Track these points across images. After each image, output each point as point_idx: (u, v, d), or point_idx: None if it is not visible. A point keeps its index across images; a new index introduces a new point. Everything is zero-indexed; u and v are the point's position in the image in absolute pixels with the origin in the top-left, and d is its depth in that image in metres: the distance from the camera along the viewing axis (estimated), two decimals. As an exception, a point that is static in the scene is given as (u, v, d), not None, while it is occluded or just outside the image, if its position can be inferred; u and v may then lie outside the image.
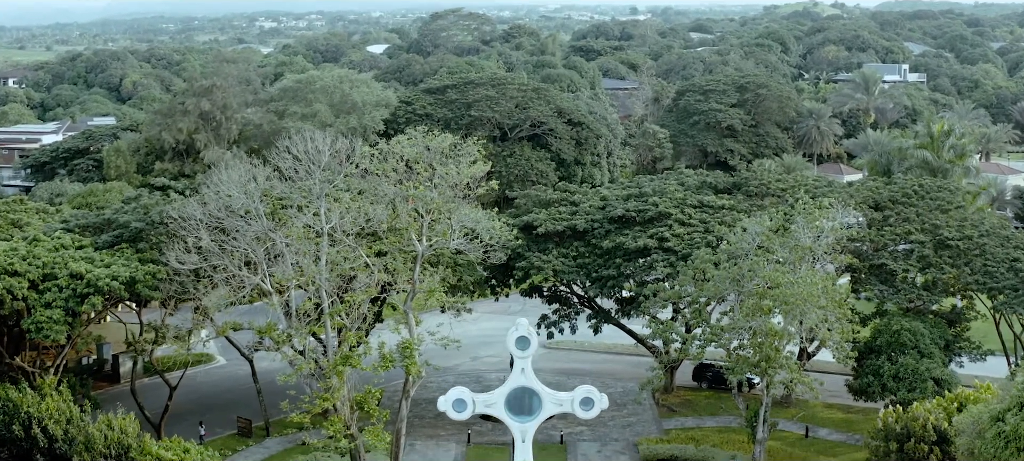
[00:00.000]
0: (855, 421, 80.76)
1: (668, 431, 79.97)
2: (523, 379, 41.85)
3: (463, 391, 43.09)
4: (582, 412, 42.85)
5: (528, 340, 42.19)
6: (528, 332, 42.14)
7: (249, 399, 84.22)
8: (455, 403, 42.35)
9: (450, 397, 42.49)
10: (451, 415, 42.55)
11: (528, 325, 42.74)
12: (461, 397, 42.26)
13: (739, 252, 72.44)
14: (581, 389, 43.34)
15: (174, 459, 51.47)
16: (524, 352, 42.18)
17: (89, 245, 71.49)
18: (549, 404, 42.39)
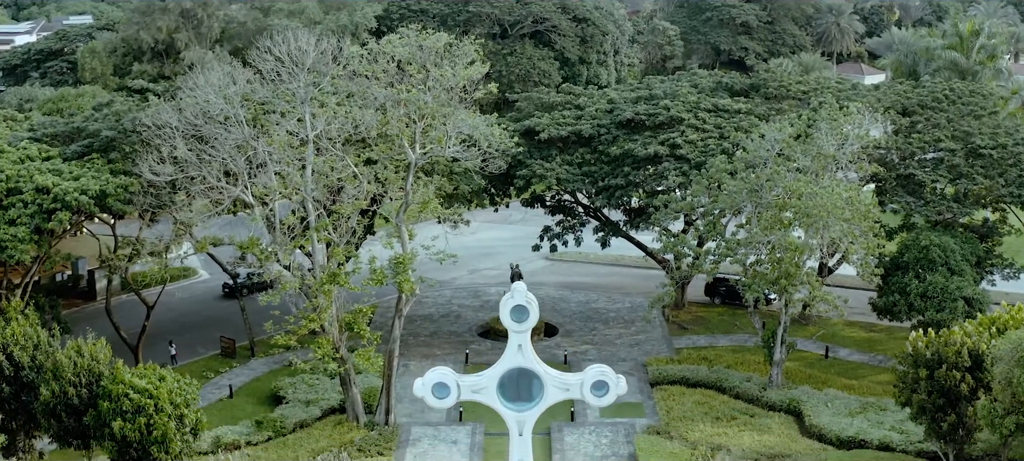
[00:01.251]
0: (878, 341, 79.04)
1: (679, 351, 78.36)
2: (520, 358, 33.86)
3: (444, 373, 34.94)
4: (594, 398, 34.67)
5: (527, 310, 34.21)
6: (526, 300, 34.29)
7: (233, 317, 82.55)
8: (436, 388, 34.34)
9: (429, 380, 34.74)
10: (430, 402, 34.42)
11: (525, 291, 35.38)
12: (442, 380, 34.11)
13: (757, 160, 70.23)
14: (593, 369, 35.51)
15: (148, 387, 49.61)
16: (521, 324, 34.22)
17: (57, 156, 69.16)
18: (552, 389, 34.87)
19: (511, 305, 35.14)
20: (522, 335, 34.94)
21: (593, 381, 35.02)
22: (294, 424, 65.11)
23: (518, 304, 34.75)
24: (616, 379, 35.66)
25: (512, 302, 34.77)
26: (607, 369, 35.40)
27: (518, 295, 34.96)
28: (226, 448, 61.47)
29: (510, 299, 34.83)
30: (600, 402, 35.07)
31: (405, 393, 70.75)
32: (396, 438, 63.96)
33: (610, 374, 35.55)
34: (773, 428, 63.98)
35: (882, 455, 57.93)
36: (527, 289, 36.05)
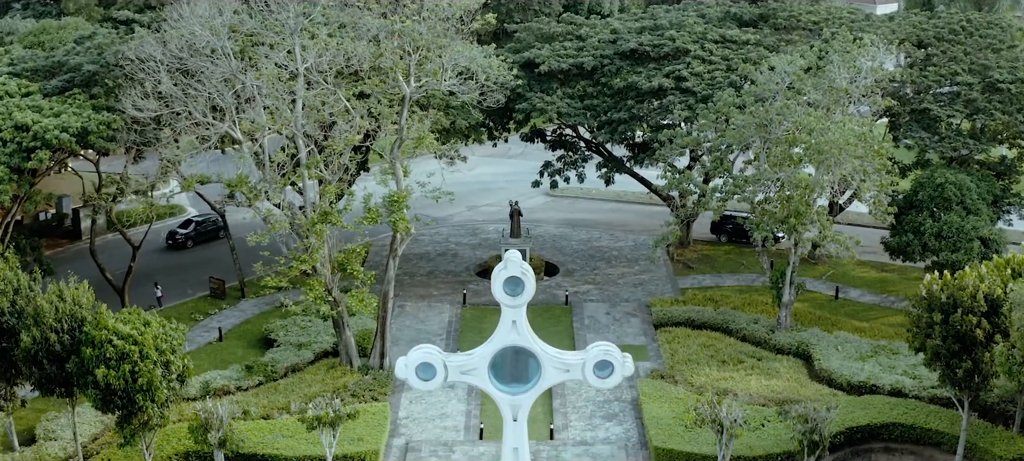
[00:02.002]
0: (890, 282, 78.28)
1: (684, 291, 77.65)
2: (514, 335, 30.46)
3: (430, 352, 31.04)
4: (597, 379, 31.55)
5: (521, 282, 30.60)
6: (521, 270, 30.48)
7: (222, 257, 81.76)
8: (420, 368, 30.77)
9: (413, 360, 30.81)
10: (414, 383, 31.12)
11: (520, 260, 31.19)
12: (428, 360, 30.28)
13: (766, 93, 69.09)
14: (596, 348, 31.89)
15: (133, 333, 48.80)
16: (516, 298, 30.66)
17: (37, 92, 67.90)
18: (551, 370, 31.42)
19: (504, 276, 30.74)
20: (517, 310, 31.00)
21: (596, 360, 31.46)
22: (285, 368, 64.53)
23: (512, 275, 30.90)
24: (622, 359, 31.86)
25: (505, 273, 30.41)
26: (612, 347, 31.89)
27: (512, 265, 30.47)
28: (215, 394, 60.91)
29: (503, 270, 30.47)
30: (604, 384, 31.98)
31: (401, 335, 70.25)
32: (391, 382, 63.43)
33: (615, 353, 31.89)
34: (781, 372, 63.41)
35: (894, 401, 57.36)
36: (524, 252, 33.72)
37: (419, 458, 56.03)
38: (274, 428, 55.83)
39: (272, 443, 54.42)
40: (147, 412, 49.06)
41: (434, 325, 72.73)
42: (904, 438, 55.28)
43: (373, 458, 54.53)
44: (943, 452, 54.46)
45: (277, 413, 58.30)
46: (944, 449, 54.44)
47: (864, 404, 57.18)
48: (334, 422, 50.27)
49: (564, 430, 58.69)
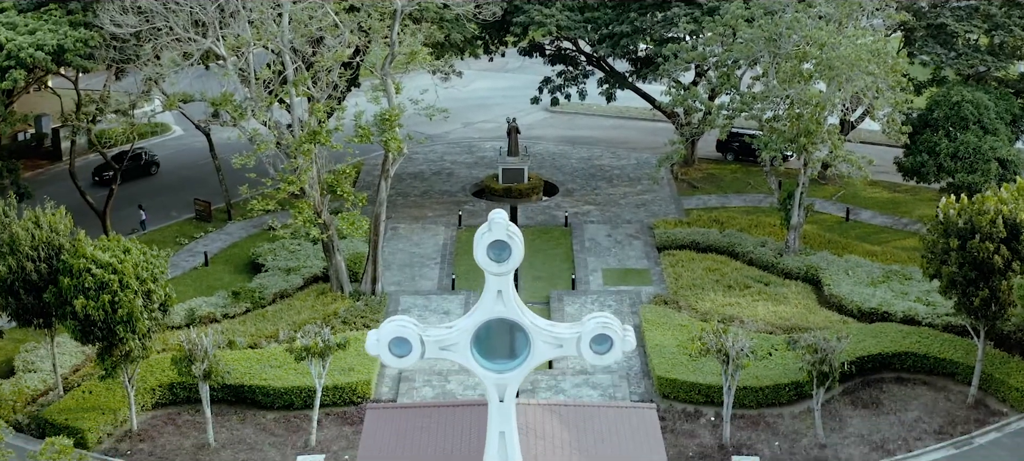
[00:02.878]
0: (903, 203, 77.34)
1: (689, 212, 76.74)
2: (500, 306, 26.13)
3: (404, 325, 26.66)
4: (594, 355, 27.44)
5: (508, 247, 26.30)
6: (507, 234, 26.38)
7: (208, 177, 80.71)
8: (394, 344, 26.75)
9: (386, 334, 26.81)
10: (388, 360, 27.49)
11: (506, 221, 26.87)
12: (402, 334, 26.07)
13: (776, 6, 67.64)
14: (593, 320, 27.43)
15: (112, 261, 47.88)
16: (501, 265, 26.13)
17: (11, 8, 66.36)
18: (541, 345, 27.28)
19: (487, 241, 26.23)
20: (503, 279, 26.09)
21: (593, 334, 26.97)
22: (274, 295, 63.77)
23: (497, 239, 26.58)
24: (622, 332, 27.29)
25: (488, 237, 25.99)
26: (611, 320, 27.22)
27: (497, 227, 25.96)
28: (201, 322, 60.21)
29: (486, 233, 26.09)
30: (601, 360, 27.51)
31: (393, 259, 69.56)
32: (384, 308, 62.80)
33: (614, 326, 27.10)
34: (789, 297, 62.71)
35: (906, 329, 56.69)
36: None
37: (412, 388, 55.50)
38: (262, 358, 55.19)
39: (260, 374, 53.82)
40: (128, 344, 48.31)
41: (428, 248, 71.93)
42: (917, 368, 54.70)
43: (365, 389, 53.98)
44: (957, 383, 53.91)
45: (265, 342, 57.68)
46: (958, 380, 53.87)
47: (875, 332, 56.51)
48: (323, 353, 49.55)
49: (563, 359, 58.09)
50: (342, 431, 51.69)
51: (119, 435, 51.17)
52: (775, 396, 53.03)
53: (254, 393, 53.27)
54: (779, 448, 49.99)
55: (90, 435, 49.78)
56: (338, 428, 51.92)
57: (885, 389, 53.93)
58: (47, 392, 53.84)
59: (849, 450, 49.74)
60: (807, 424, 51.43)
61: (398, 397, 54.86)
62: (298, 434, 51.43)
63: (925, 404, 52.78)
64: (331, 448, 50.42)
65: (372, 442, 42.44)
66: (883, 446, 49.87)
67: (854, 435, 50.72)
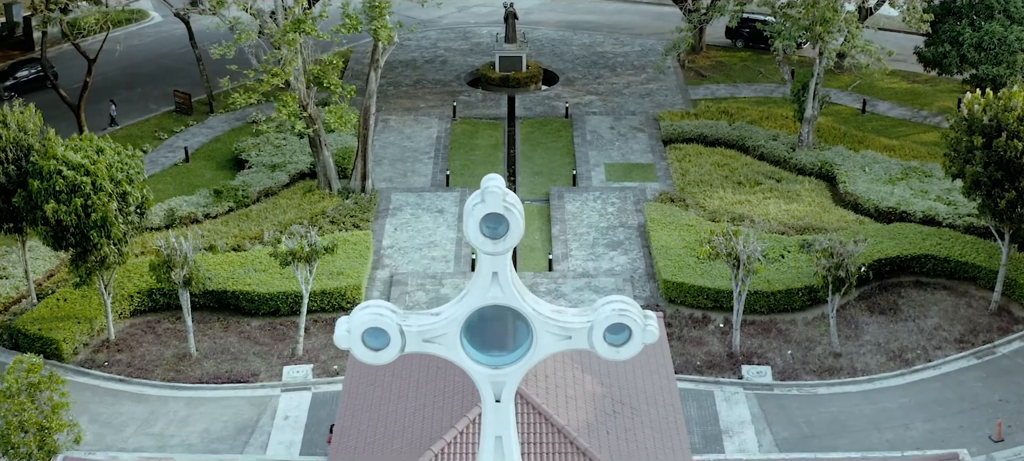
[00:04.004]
0: (922, 94, 75.79)
1: (696, 103, 75.23)
2: (496, 291, 21.11)
3: (380, 313, 21.35)
4: (608, 349, 21.44)
5: (505, 221, 21.04)
6: (504, 205, 20.79)
7: (189, 67, 79.00)
8: (368, 335, 21.62)
9: (358, 323, 21.53)
10: (361, 355, 21.61)
11: (502, 188, 20.97)
12: (378, 324, 21.06)
13: None
14: (608, 306, 21.58)
15: (85, 163, 46.56)
16: (497, 243, 21.11)
17: None
18: (545, 336, 21.92)
19: (481, 213, 20.62)
20: (499, 259, 20.83)
21: (609, 323, 21.19)
22: (258, 193, 62.56)
23: (492, 212, 20.98)
24: (642, 321, 21.25)
25: (482, 208, 20.56)
26: (630, 305, 21.29)
27: (491, 197, 20.50)
28: (181, 222, 59.08)
29: (478, 204, 20.54)
30: (617, 354, 21.56)
31: (384, 153, 68.30)
32: (374, 207, 61.72)
33: (633, 313, 21.14)
34: (803, 195, 61.59)
35: (926, 230, 55.62)
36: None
37: (405, 292, 54.67)
38: (246, 261, 54.17)
39: (243, 279, 52.83)
40: (103, 250, 47.21)
41: (421, 141, 70.60)
42: (937, 271, 53.76)
43: (355, 293, 53.08)
44: (979, 287, 52.99)
45: (249, 244, 56.65)
46: (981, 284, 52.94)
47: (893, 233, 55.45)
48: (310, 258, 48.49)
49: (564, 261, 57.20)
50: (330, 339, 50.82)
51: (95, 345, 50.33)
52: (787, 301, 52.15)
53: (238, 299, 52.35)
54: (792, 357, 49.23)
55: (65, 346, 48.92)
56: (326, 336, 51.10)
57: (903, 294, 53.02)
58: (20, 300, 52.90)
59: (865, 359, 48.98)
60: (821, 331, 50.62)
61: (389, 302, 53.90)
62: (284, 343, 50.63)
63: (945, 310, 51.89)
64: (319, 358, 49.66)
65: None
66: (901, 355, 49.09)
67: (870, 343, 49.91)
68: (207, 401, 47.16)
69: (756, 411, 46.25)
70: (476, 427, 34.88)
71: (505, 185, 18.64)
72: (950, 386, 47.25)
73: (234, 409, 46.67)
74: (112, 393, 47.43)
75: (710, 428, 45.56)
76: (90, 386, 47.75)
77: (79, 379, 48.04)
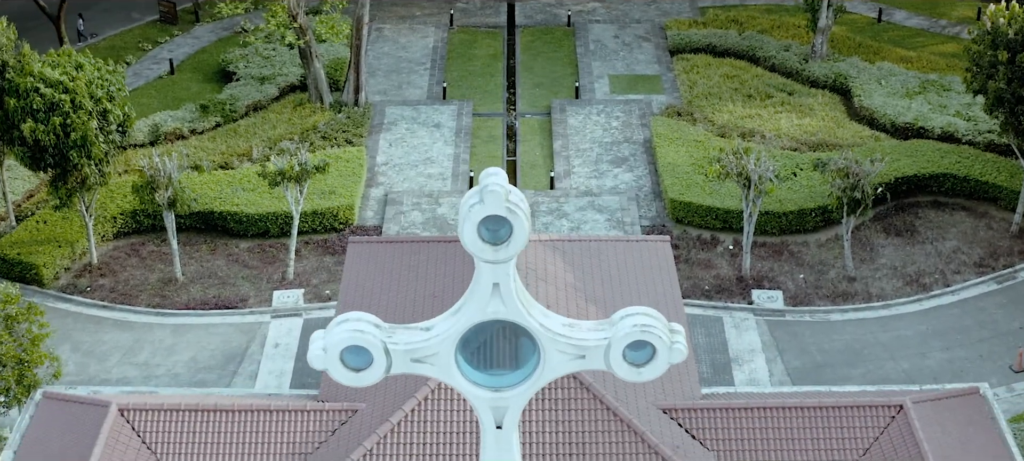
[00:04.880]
0: (940, 1, 74.30)
1: (704, 11, 73.81)
2: (497, 305, 17.55)
3: (360, 329, 17.01)
4: (629, 370, 17.80)
5: (507, 224, 16.95)
6: (507, 205, 16.74)
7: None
8: (348, 354, 17.38)
9: (336, 340, 16.96)
10: (339, 376, 17.50)
11: (504, 183, 16.77)
12: (358, 342, 17.02)
13: None
14: (627, 320, 17.46)
15: (63, 79, 45.35)
16: (499, 248, 17.05)
17: None
18: (556, 355, 18.00)
19: (479, 214, 16.80)
20: (501, 267, 17.25)
21: (629, 340, 17.42)
22: (246, 106, 61.30)
23: (493, 214, 17.06)
24: (669, 337, 17.45)
25: (481, 209, 16.80)
26: (653, 320, 17.38)
27: (491, 197, 16.71)
28: (166, 138, 57.99)
29: (476, 203, 16.70)
30: (638, 375, 17.84)
31: (378, 64, 67.09)
32: (368, 121, 60.65)
33: (658, 328, 17.35)
34: (816, 109, 60.46)
35: (945, 147, 54.60)
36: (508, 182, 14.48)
37: (400, 212, 53.79)
38: (233, 180, 53.18)
39: (231, 199, 51.88)
40: (83, 170, 46.17)
41: (416, 52, 69.30)
42: (956, 191, 52.85)
43: (347, 214, 52.20)
44: (1000, 209, 52.10)
45: (237, 161, 55.61)
46: (1001, 205, 52.04)
47: (911, 150, 54.40)
48: (300, 177, 47.48)
49: (566, 178, 56.29)
50: (322, 262, 50.05)
51: (77, 270, 49.47)
52: (800, 222, 51.27)
53: (225, 220, 51.44)
54: (804, 281, 48.44)
55: (45, 270, 48.07)
56: (318, 258, 50.30)
57: (921, 214, 52.10)
58: None
59: (881, 283, 48.17)
60: (834, 253, 49.78)
61: (384, 223, 53.14)
62: (274, 266, 49.80)
63: (964, 232, 50.98)
64: (311, 282, 48.86)
65: (354, 279, 40.81)
66: (918, 279, 48.28)
67: (886, 267, 49.07)
68: (194, 328, 46.41)
69: (767, 338, 45.55)
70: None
71: (507, 181, 14.78)
72: (969, 313, 46.49)
73: (222, 337, 45.94)
74: (95, 320, 46.64)
75: (719, 357, 44.89)
76: (72, 313, 46.98)
77: (60, 305, 47.29)
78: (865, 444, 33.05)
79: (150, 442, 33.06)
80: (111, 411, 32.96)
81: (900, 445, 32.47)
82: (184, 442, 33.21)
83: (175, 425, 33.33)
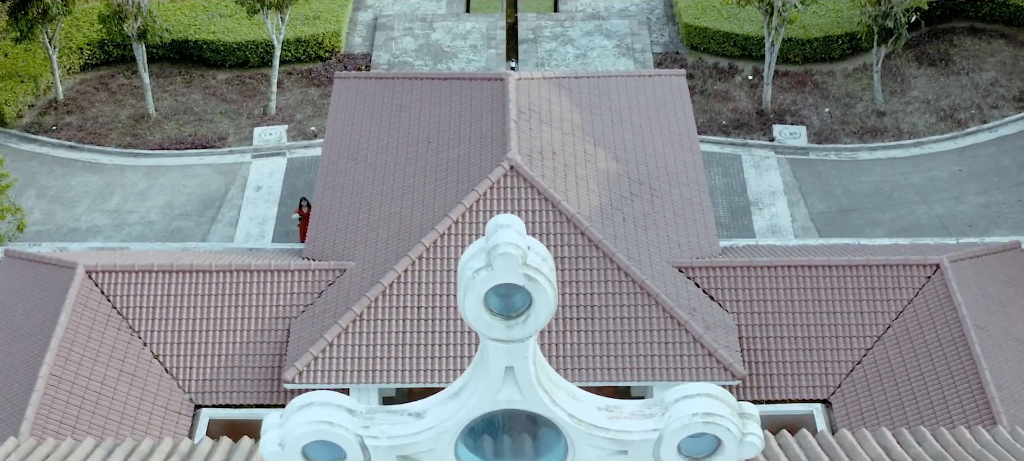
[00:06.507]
0: None
1: None
2: (511, 392, 10.53)
3: (329, 415, 10.08)
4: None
5: (526, 295, 10.07)
6: (525, 272, 9.97)
7: None
8: (313, 448, 10.26)
9: (296, 432, 10.11)
10: None
11: (520, 243, 9.96)
12: (323, 434, 10.26)
13: None
14: (687, 402, 10.47)
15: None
16: (513, 325, 10.23)
17: None
18: (589, 450, 10.94)
19: (487, 284, 10.46)
20: (516, 348, 10.90)
21: (687, 433, 10.72)
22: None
23: (505, 282, 10.49)
24: (738, 429, 10.80)
25: (490, 278, 10.46)
26: (719, 401, 10.75)
27: (504, 262, 10.26)
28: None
29: (483, 272, 10.23)
30: None
31: None
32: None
33: (725, 416, 10.76)
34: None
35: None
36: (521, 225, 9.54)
37: (390, 38, 52.04)
38: (209, 5, 51.22)
39: (207, 26, 49.98)
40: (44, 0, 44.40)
41: None
42: (995, 17, 50.97)
43: (333, 41, 50.48)
44: (1042, 35, 50.35)
45: (213, -17, 53.58)
46: (1043, 32, 50.28)
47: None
48: (280, 4, 45.56)
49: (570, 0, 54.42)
50: (307, 94, 48.41)
51: (42, 106, 47.73)
52: (825, 50, 49.48)
53: (201, 49, 49.59)
54: (829, 115, 46.81)
55: (7, 109, 46.40)
56: (302, 90, 48.64)
57: (956, 42, 50.21)
58: (-47, 53, 50.18)
59: (912, 119, 46.56)
60: (863, 85, 48.08)
61: (373, 51, 51.36)
62: (255, 100, 48.13)
63: (1003, 63, 49.16)
64: (294, 117, 47.27)
65: (341, 121, 39.30)
66: (952, 114, 46.64)
67: (918, 101, 47.38)
68: (169, 170, 44.91)
69: (789, 179, 44.13)
70: (471, 217, 32.84)
71: (523, 230, 10.18)
72: (1007, 152, 44.95)
73: (199, 179, 44.47)
74: (62, 162, 45.12)
75: (737, 199, 43.52)
76: (37, 154, 45.44)
77: (24, 146, 45.75)
78: (898, 307, 31.86)
79: (120, 306, 31.87)
80: (78, 273, 31.69)
81: (936, 308, 31.31)
82: (157, 305, 32.02)
83: (147, 287, 32.10)
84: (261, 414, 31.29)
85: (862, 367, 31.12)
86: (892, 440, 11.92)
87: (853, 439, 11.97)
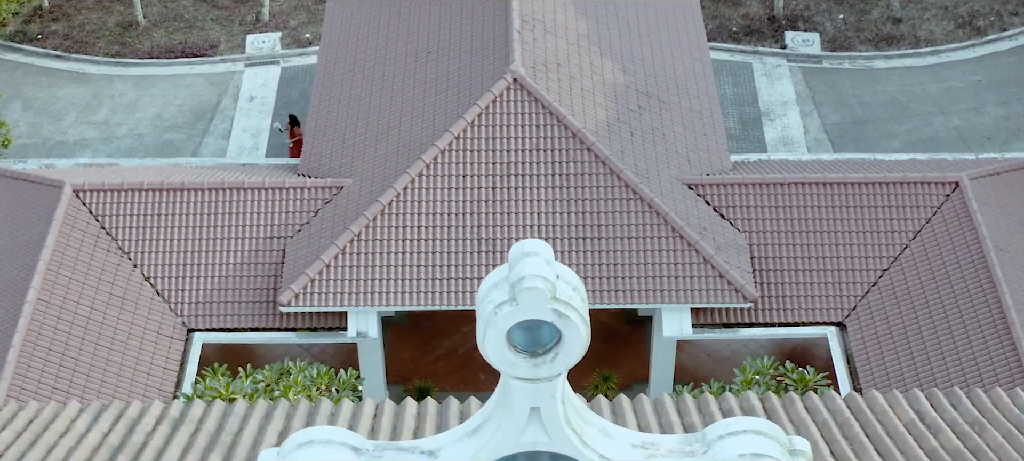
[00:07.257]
0: None
1: None
2: (537, 433, 9.01)
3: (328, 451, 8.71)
4: None
5: (554, 331, 8.61)
6: (555, 309, 8.55)
7: None
8: None
9: None
10: None
11: (548, 273, 8.73)
12: None
13: None
14: (729, 438, 8.91)
15: None
16: (539, 363, 8.81)
17: None
18: None
19: (511, 321, 8.98)
20: (543, 388, 9.39)
21: None
22: None
23: (530, 318, 9.03)
24: None
25: (514, 314, 9.01)
26: (768, 438, 8.91)
27: (530, 297, 8.87)
28: None
29: (507, 306, 8.87)
30: None
31: None
32: None
33: (775, 450, 8.79)
34: None
35: None
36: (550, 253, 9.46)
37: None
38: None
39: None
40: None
41: None
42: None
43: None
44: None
45: None
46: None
47: None
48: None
49: (575, -100, 53.18)
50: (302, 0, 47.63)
51: (26, 14, 46.84)
52: (839, -47, 48.55)
53: (191, -49, 48.67)
54: (843, 22, 46.03)
55: (-11, 16, 45.67)
56: (298, -6, 47.93)
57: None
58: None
59: (929, 26, 45.77)
60: (878, -10, 47.32)
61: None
62: (247, 5, 47.28)
63: (1026, -35, 48.36)
64: (288, 23, 46.50)
65: (337, 24, 38.62)
66: (971, 22, 45.85)
67: (936, 7, 46.56)
68: (158, 80, 44.20)
69: (801, 89, 43.44)
70: (473, 131, 32.22)
71: (552, 257, 9.07)
72: (1029, 61, 44.38)
73: (190, 89, 43.77)
74: (48, 72, 44.39)
75: (748, 109, 42.87)
76: (22, 64, 44.68)
77: (9, 56, 44.97)
78: (916, 226, 31.33)
79: (110, 226, 31.33)
80: (65, 192, 31.12)
81: (955, 228, 30.78)
82: (147, 225, 31.46)
83: (137, 206, 31.54)
84: (256, 338, 30.96)
85: (878, 289, 30.65)
86: (926, 403, 11.41)
87: (884, 402, 11.45)
